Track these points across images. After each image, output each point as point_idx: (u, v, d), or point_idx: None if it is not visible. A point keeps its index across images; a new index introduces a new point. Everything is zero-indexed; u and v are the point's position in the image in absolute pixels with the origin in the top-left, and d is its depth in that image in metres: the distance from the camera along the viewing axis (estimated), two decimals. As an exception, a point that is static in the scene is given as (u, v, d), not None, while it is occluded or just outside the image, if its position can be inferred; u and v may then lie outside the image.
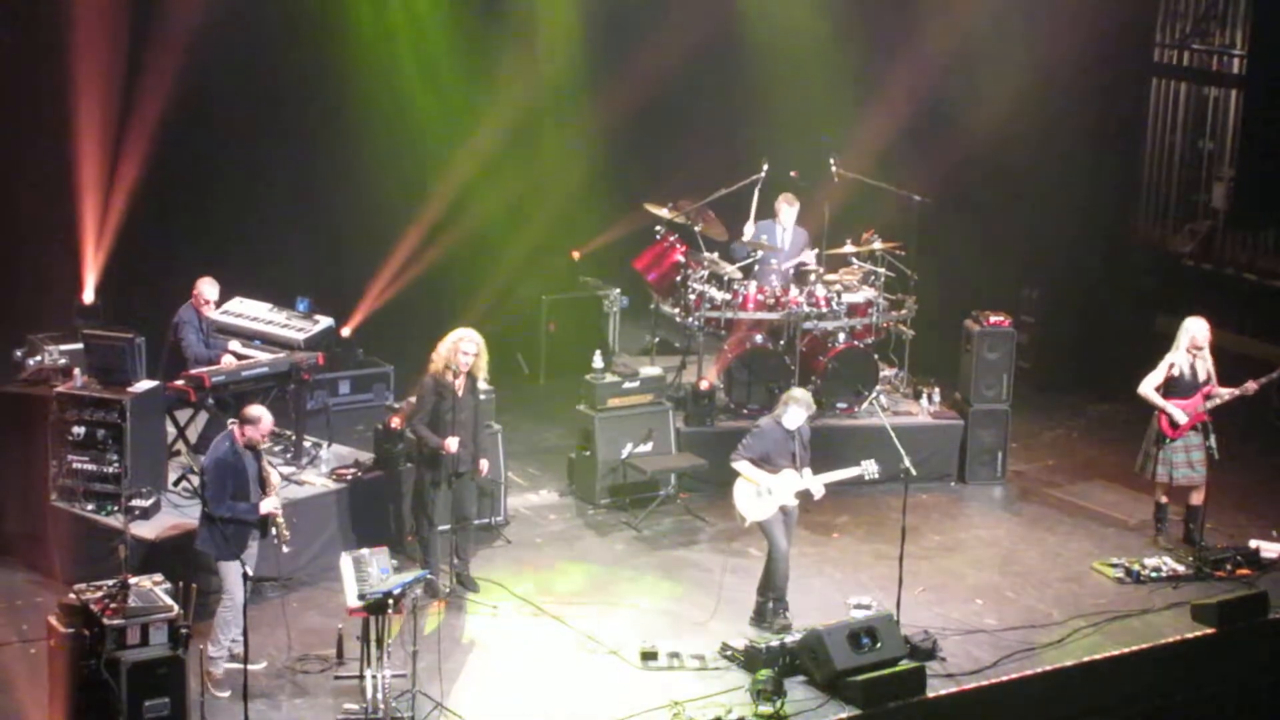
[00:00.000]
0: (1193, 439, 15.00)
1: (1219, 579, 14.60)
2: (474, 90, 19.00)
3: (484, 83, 19.09)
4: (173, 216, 17.77)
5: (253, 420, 12.26)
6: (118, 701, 10.94)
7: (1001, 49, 19.61)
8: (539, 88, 19.55)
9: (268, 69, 17.85)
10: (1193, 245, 21.18)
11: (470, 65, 18.91)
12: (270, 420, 12.40)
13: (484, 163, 19.05)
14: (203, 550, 12.30)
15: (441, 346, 13.72)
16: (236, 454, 12.21)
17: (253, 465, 12.30)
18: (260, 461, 12.40)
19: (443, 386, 13.66)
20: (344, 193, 18.71)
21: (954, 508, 16.39)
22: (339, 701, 12.13)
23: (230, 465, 12.17)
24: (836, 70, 19.73)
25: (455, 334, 13.74)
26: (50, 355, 14.97)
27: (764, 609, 13.52)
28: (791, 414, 13.34)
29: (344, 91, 18.51)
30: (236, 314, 15.59)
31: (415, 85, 18.90)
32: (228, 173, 17.96)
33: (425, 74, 18.85)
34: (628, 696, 12.37)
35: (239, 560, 11.88)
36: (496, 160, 19.16)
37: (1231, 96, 20.71)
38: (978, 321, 16.93)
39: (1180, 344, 15.06)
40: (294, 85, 18.19)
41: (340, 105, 18.58)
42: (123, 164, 17.16)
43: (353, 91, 18.55)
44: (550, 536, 15.38)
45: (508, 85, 19.20)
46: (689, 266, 17.00)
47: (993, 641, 13.46)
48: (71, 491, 13.71)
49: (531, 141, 19.64)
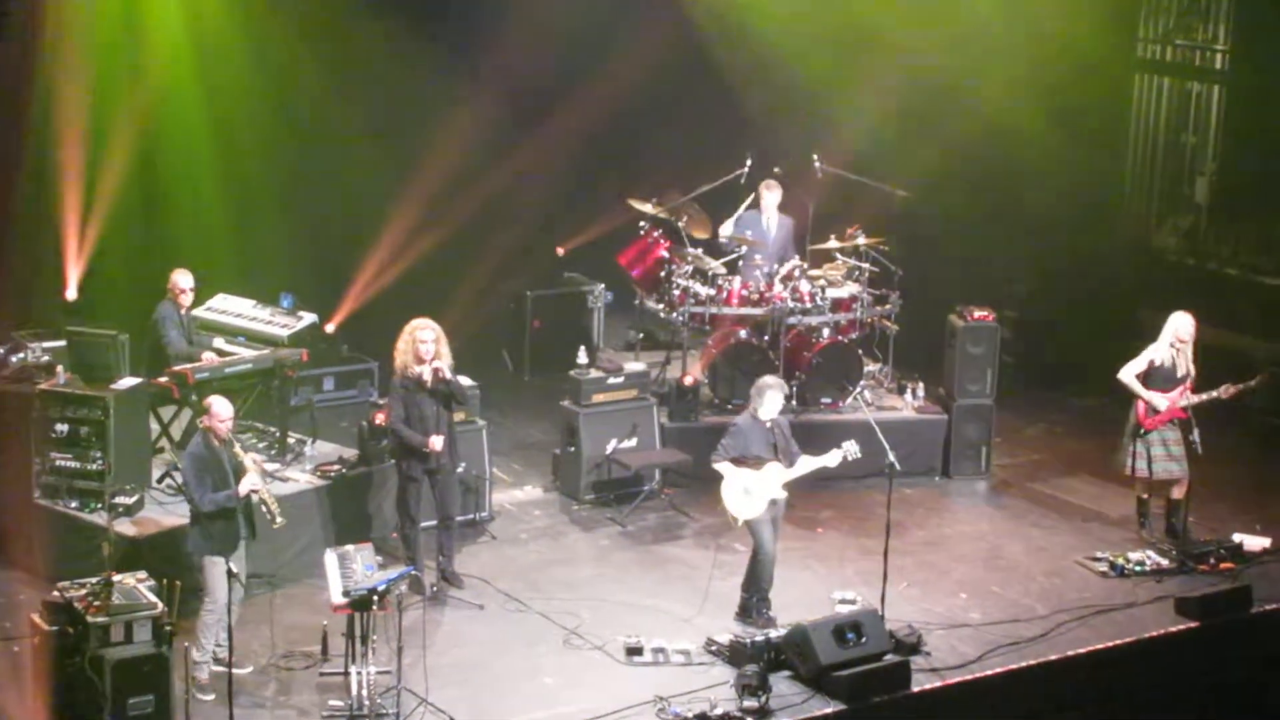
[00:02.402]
0: (1171, 433, 15.00)
1: (1202, 573, 14.63)
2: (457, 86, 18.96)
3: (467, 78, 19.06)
4: (156, 214, 17.73)
5: (209, 412, 12.23)
6: (102, 699, 10.94)
7: (985, 45, 19.63)
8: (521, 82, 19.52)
9: (251, 64, 17.82)
10: (1176, 240, 21.24)
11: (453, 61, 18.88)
12: (222, 407, 12.22)
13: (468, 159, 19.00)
14: (193, 552, 12.26)
15: (399, 343, 13.74)
16: (209, 447, 12.16)
17: (227, 456, 12.25)
18: (233, 449, 12.34)
19: (410, 382, 13.66)
20: (328, 189, 18.69)
21: (938, 502, 16.41)
22: (324, 698, 12.12)
23: (204, 459, 12.12)
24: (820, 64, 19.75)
25: (409, 326, 13.75)
26: (33, 352, 14.94)
27: (749, 605, 13.53)
28: (767, 403, 13.33)
29: (327, 86, 18.48)
30: (220, 310, 15.59)
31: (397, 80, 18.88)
32: (211, 170, 17.92)
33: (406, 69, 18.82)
34: (613, 692, 12.37)
35: (224, 559, 11.84)
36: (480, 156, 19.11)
37: (1214, 91, 20.77)
38: (962, 316, 16.95)
39: (1164, 337, 15.06)
40: (277, 81, 18.16)
41: (323, 100, 18.54)
42: (106, 161, 17.11)
43: (336, 86, 18.52)
44: (535, 532, 15.38)
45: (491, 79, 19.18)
46: (673, 262, 17.02)
47: (977, 636, 13.47)
48: (55, 489, 13.69)
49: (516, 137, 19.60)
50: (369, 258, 18.44)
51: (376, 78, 18.92)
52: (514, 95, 19.41)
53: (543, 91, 19.69)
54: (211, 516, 12.10)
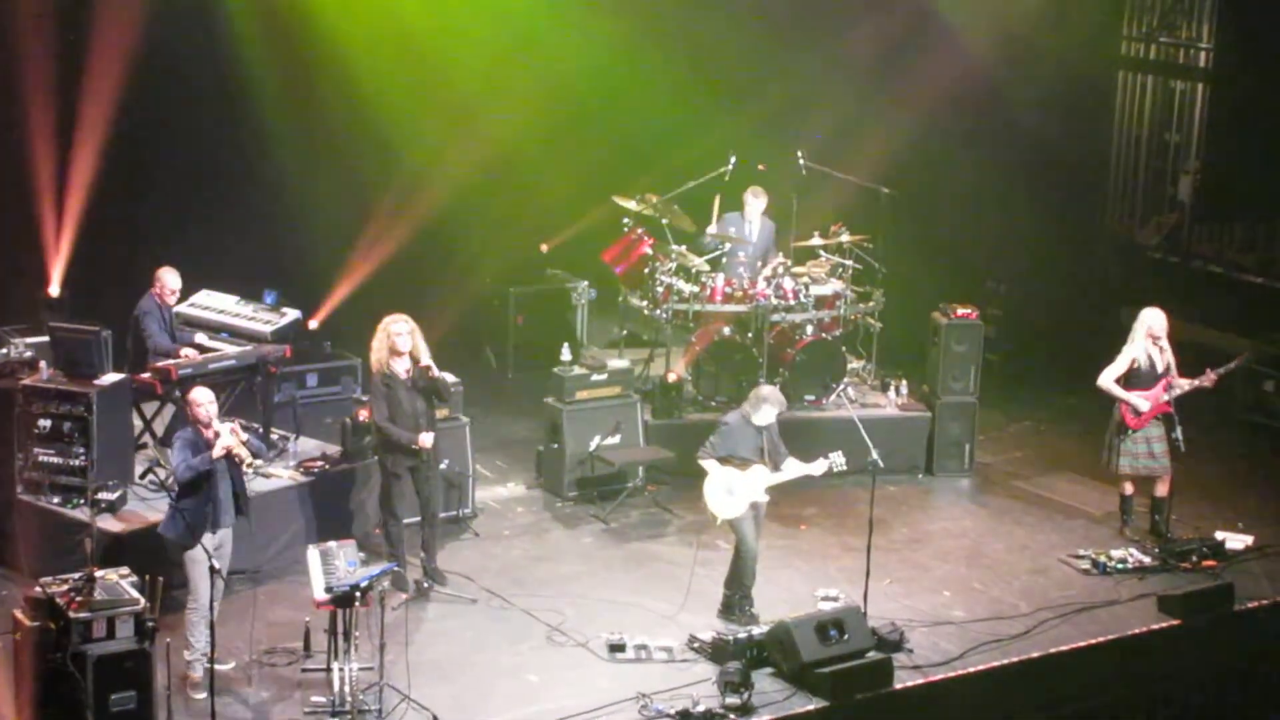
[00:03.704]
0: (1154, 430, 15.03)
1: (1185, 570, 14.65)
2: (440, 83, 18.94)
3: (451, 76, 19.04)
4: (139, 209, 17.70)
5: (189, 404, 12.27)
6: (84, 695, 10.89)
7: (969, 41, 19.65)
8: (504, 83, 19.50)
9: (233, 60, 17.79)
10: (1159, 238, 21.28)
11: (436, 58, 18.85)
12: (200, 394, 12.22)
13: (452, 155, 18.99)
14: (164, 534, 12.20)
15: (374, 341, 13.72)
16: (196, 432, 12.17)
17: None
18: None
19: (389, 379, 13.64)
20: (312, 185, 18.64)
21: (921, 500, 16.43)
22: (306, 694, 12.10)
23: (192, 441, 12.10)
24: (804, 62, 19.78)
25: (383, 323, 13.74)
26: (16, 348, 14.90)
27: (732, 602, 13.54)
28: (763, 413, 13.34)
29: (310, 84, 18.46)
30: (203, 306, 15.56)
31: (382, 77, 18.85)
32: (194, 165, 17.90)
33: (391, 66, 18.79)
34: (595, 688, 12.38)
35: (204, 552, 11.78)
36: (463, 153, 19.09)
37: (1198, 90, 20.83)
38: (945, 314, 16.95)
39: (1137, 335, 15.07)
40: (260, 76, 18.12)
41: (306, 97, 18.52)
42: (86, 156, 17.07)
43: (319, 84, 18.51)
44: (518, 529, 15.38)
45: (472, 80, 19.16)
46: (657, 259, 17.02)
47: (960, 633, 13.49)
48: (37, 485, 13.64)
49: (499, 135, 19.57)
50: (353, 254, 18.42)
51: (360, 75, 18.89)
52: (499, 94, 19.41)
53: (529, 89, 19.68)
54: (183, 491, 12.02)
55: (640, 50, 19.47)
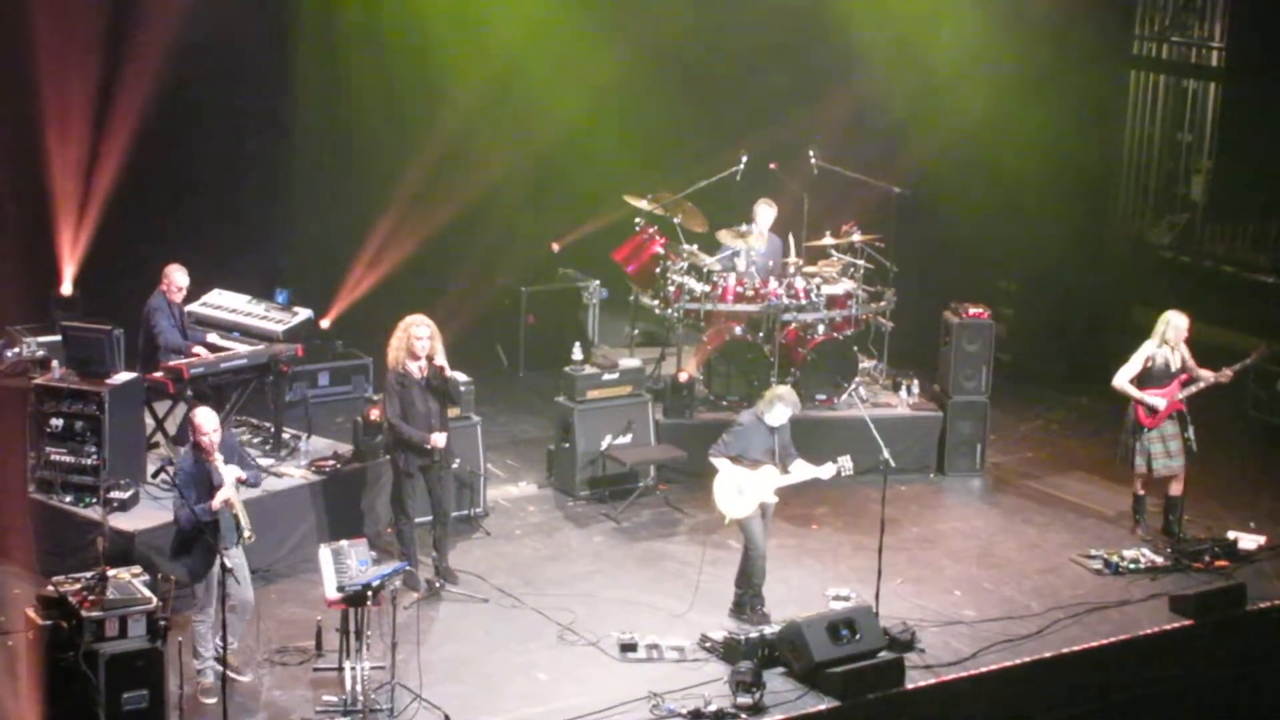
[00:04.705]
0: (1169, 429, 15.02)
1: (1197, 570, 14.63)
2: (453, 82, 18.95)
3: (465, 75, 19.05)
4: (151, 208, 17.68)
5: (192, 426, 12.10)
6: (96, 694, 10.93)
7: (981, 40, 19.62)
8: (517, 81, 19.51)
9: (246, 61, 17.81)
10: (1171, 237, 21.25)
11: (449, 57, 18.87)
12: (204, 419, 11.97)
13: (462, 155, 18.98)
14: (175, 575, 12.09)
15: (394, 339, 13.72)
16: (197, 462, 11.99)
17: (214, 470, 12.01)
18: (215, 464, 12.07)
19: (404, 378, 13.64)
20: (324, 184, 18.66)
21: (933, 499, 16.41)
22: (318, 693, 12.11)
23: (192, 475, 11.94)
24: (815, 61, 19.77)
25: (404, 322, 13.72)
26: (28, 347, 14.96)
27: (742, 601, 13.54)
28: (777, 413, 13.33)
29: (323, 83, 18.47)
30: (215, 306, 15.56)
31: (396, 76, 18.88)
32: (206, 164, 17.91)
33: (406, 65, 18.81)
34: (607, 688, 12.37)
35: None
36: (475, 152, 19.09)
37: (1210, 89, 20.79)
38: (956, 313, 16.95)
39: (1157, 335, 15.06)
40: (273, 77, 18.15)
41: (320, 97, 18.53)
42: (101, 155, 17.09)
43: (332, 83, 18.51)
44: (529, 528, 15.38)
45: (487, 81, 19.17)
46: (668, 258, 17.01)
47: (971, 633, 13.48)
48: (49, 483, 13.66)
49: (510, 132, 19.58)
50: (364, 254, 18.42)
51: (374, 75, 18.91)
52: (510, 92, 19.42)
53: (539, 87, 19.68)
54: (184, 541, 11.90)
55: (655, 51, 19.49)
